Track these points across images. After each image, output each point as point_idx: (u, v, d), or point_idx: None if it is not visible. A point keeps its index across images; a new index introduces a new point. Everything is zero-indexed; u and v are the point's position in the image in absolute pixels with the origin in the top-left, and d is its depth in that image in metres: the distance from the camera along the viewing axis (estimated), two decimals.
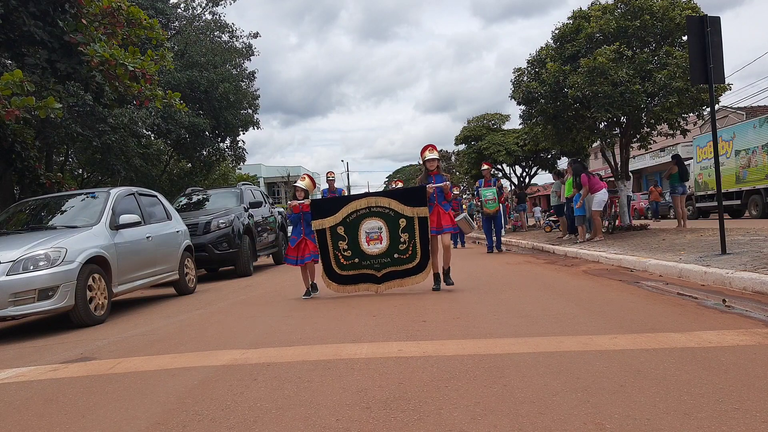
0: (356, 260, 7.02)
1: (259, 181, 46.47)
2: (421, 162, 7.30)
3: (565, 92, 12.78)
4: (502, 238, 14.82)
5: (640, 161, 40.53)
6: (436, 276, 7.04)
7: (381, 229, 6.91)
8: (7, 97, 7.84)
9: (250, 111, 23.35)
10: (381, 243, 6.92)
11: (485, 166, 14.20)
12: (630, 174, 14.68)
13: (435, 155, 7.08)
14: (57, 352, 5.01)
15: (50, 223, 7.44)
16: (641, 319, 4.42)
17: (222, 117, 20.83)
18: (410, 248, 6.88)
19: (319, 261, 7.18)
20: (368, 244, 6.94)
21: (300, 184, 7.43)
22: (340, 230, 7.00)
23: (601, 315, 4.75)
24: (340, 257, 7.06)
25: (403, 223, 6.86)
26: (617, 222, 14.03)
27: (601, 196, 11.96)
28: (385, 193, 7.41)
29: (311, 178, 7.62)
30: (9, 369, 4.42)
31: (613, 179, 14.97)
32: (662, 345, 3.57)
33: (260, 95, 24.04)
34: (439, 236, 6.94)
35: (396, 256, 6.92)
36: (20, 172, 11.07)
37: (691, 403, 2.51)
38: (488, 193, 13.47)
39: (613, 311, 4.89)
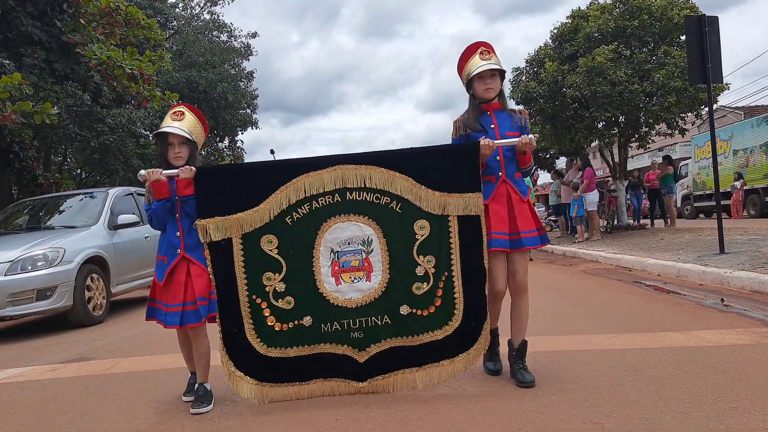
0: (306, 320, 2.98)
1: None
2: (463, 83, 3.23)
3: (563, 92, 12.78)
4: None
5: (639, 161, 40.56)
6: (496, 339, 3.25)
7: (370, 243, 3.01)
8: (4, 100, 7.84)
9: (248, 111, 23.40)
10: (369, 279, 3.01)
11: None
12: (628, 174, 14.71)
13: (493, 63, 3.07)
14: (55, 352, 5.00)
15: (48, 223, 7.43)
16: (640, 319, 4.42)
17: (220, 117, 20.87)
18: (439, 291, 3.00)
19: (217, 321, 3.01)
20: (337, 282, 3.00)
21: (174, 127, 3.06)
22: (268, 245, 2.98)
23: (599, 314, 4.76)
24: (266, 312, 2.98)
25: (423, 229, 3.00)
26: (615, 221, 14.04)
27: (593, 197, 12.18)
28: (385, 157, 3.05)
29: (198, 114, 3.21)
30: (8, 369, 4.41)
31: (610, 179, 14.99)
32: (661, 344, 3.58)
33: (259, 95, 24.14)
34: (508, 256, 3.09)
35: (405, 310, 2.99)
36: (18, 172, 11.08)
37: (690, 402, 2.52)
38: None
39: (611, 311, 4.89)
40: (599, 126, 13.88)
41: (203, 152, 21.96)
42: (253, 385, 2.96)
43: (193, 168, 2.97)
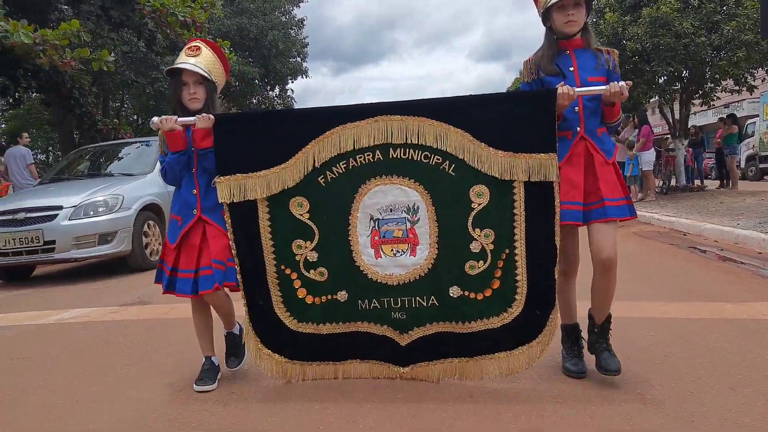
0: (341, 295, 2.62)
1: None
2: (539, 13, 2.58)
3: (623, 44, 12.20)
4: None
5: (702, 118, 38.64)
6: (571, 332, 2.70)
7: (416, 210, 2.54)
8: (64, 47, 8.09)
9: (299, 59, 23.34)
10: (414, 253, 2.56)
11: None
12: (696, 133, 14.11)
13: None
14: (116, 294, 5.29)
15: (108, 170, 7.76)
16: (692, 287, 4.31)
17: (271, 65, 20.93)
18: (497, 272, 2.50)
19: (241, 291, 2.67)
20: (377, 254, 2.59)
21: (189, 64, 2.64)
22: (298, 208, 2.59)
23: (650, 280, 4.67)
24: (296, 284, 2.64)
25: (481, 197, 2.48)
26: (673, 182, 13.61)
27: (649, 156, 11.84)
28: (437, 107, 2.49)
29: (217, 50, 2.79)
30: (73, 309, 4.71)
31: (669, 137, 14.44)
32: (712, 315, 3.49)
33: (309, 43, 24.01)
34: (590, 228, 2.56)
35: (456, 293, 2.54)
36: (79, 118, 11.49)
37: (738, 377, 2.47)
38: None
39: (663, 277, 4.79)
40: (660, 81, 13.27)
41: (254, 100, 22.15)
42: (282, 362, 2.68)
43: (212, 116, 2.55)
